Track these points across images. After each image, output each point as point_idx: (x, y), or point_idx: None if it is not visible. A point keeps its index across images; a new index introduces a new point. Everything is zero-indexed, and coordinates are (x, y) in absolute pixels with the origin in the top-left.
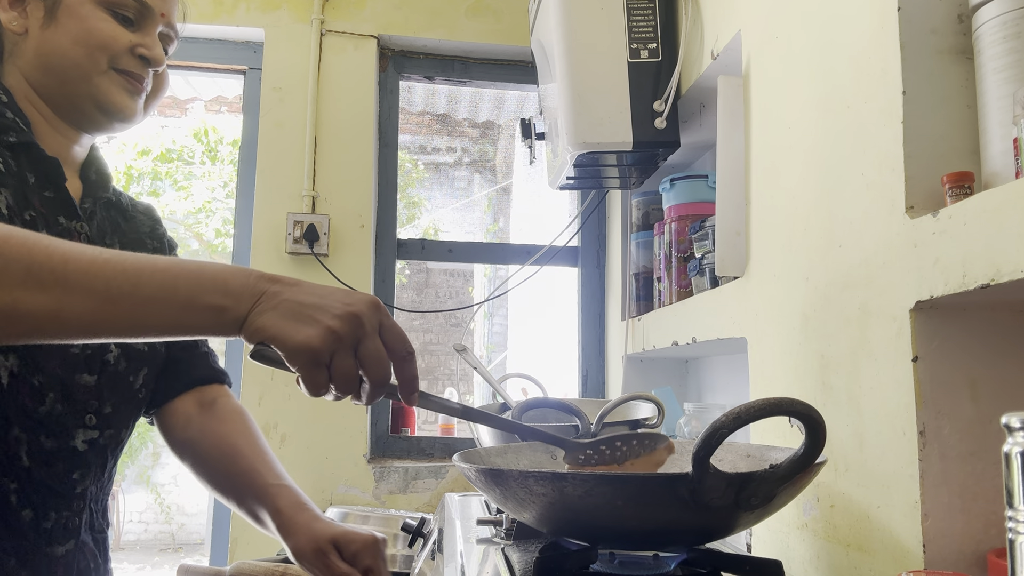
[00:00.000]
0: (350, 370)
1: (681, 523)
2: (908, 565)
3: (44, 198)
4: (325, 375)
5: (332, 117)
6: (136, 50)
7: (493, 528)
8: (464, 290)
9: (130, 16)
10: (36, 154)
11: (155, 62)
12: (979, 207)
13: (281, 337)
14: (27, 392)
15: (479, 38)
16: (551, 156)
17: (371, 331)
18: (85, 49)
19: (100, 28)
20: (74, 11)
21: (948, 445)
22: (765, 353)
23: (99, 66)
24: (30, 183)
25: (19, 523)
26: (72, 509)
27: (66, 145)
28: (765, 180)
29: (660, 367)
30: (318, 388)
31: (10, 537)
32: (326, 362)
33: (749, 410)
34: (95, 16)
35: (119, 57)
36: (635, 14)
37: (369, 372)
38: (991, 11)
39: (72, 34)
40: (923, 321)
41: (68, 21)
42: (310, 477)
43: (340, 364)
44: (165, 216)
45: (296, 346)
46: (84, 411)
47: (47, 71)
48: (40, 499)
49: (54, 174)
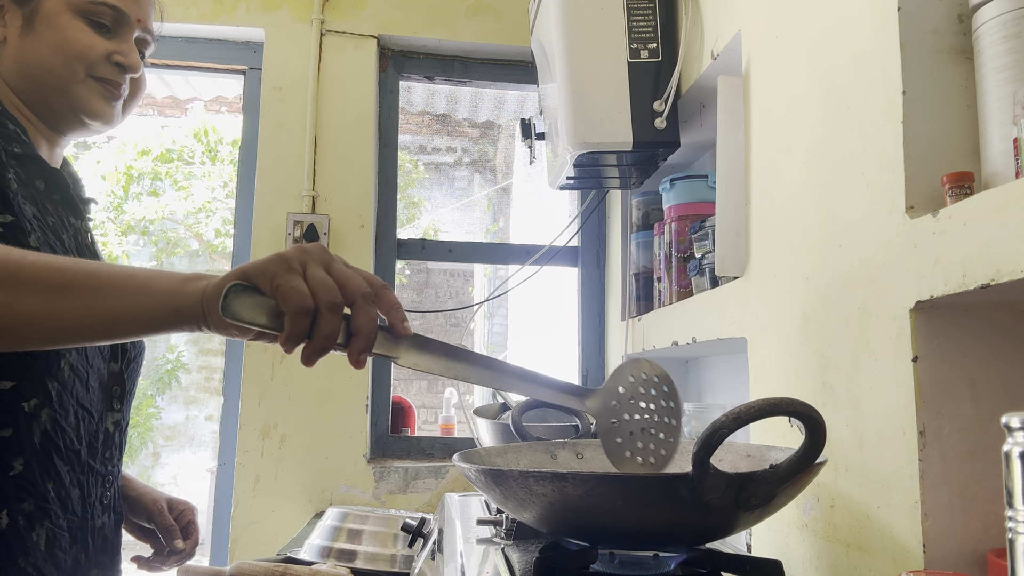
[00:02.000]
0: (326, 278)
1: (681, 523)
2: (908, 565)
3: (54, 201)
4: (304, 284)
5: (332, 117)
6: (112, 57)
7: (493, 528)
8: (464, 290)
9: (106, 23)
10: (41, 164)
11: (131, 68)
12: (979, 207)
13: (250, 264)
14: (82, 383)
15: (479, 38)
16: (551, 156)
17: (335, 258)
18: (62, 58)
19: (77, 37)
20: (51, 20)
21: (948, 445)
22: (765, 353)
23: (77, 75)
24: (41, 190)
25: (71, 502)
26: (105, 486)
27: (49, 148)
28: (765, 180)
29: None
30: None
31: (64, 514)
32: (299, 271)
33: (749, 410)
34: (72, 25)
35: (96, 65)
36: (635, 14)
37: (347, 284)
38: (991, 11)
39: (50, 43)
40: (923, 321)
41: (46, 30)
42: (310, 477)
43: (314, 272)
44: (165, 216)
45: (265, 260)
46: (112, 396)
47: (27, 78)
48: (85, 479)
49: (59, 181)
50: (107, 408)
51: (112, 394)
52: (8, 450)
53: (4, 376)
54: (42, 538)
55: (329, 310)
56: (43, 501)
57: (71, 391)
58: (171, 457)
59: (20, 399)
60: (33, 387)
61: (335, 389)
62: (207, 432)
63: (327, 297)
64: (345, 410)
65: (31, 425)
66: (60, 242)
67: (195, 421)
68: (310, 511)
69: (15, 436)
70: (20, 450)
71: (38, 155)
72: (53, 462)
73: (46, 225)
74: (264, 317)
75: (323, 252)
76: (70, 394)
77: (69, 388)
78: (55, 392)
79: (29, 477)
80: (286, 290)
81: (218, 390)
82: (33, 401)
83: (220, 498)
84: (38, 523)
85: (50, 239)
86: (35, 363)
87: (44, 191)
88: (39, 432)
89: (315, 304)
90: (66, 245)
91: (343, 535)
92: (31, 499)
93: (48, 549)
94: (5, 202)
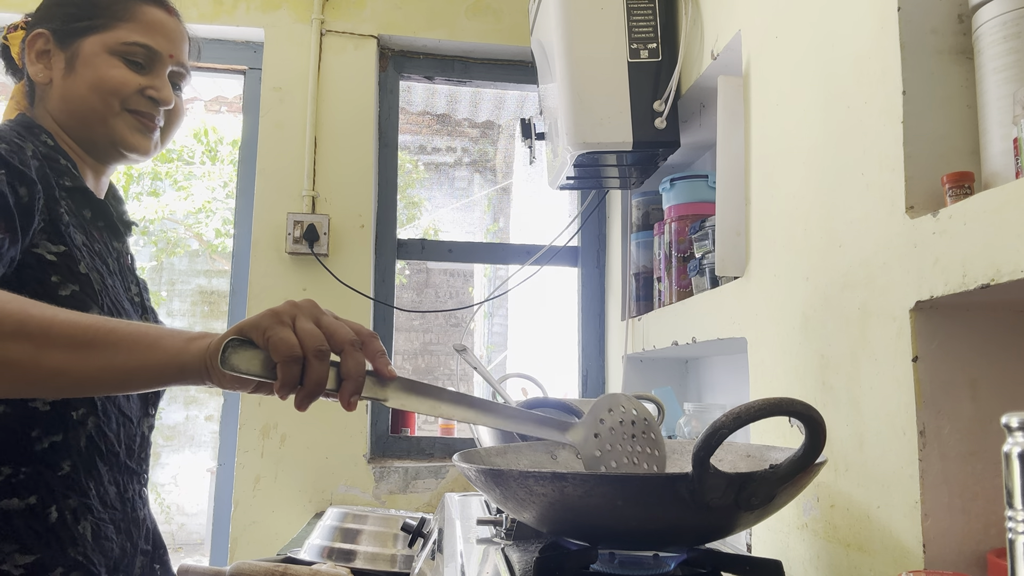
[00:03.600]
0: (314, 329)
1: (681, 523)
2: (908, 565)
3: (99, 228)
4: (293, 335)
5: (332, 117)
6: (146, 92)
7: (493, 528)
8: (464, 290)
9: (140, 61)
10: (88, 196)
11: (164, 102)
12: (979, 207)
13: (242, 324)
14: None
15: (479, 38)
16: (551, 156)
17: (324, 312)
18: (99, 94)
19: (112, 75)
20: (89, 61)
21: (948, 445)
22: (765, 353)
23: (112, 108)
24: (88, 218)
25: (109, 498)
26: (140, 482)
27: (95, 178)
28: (765, 180)
29: (660, 367)
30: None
31: (105, 509)
32: (289, 323)
33: (749, 410)
34: (107, 64)
35: (130, 99)
36: (635, 14)
37: (335, 334)
38: (991, 11)
39: (88, 81)
40: (923, 321)
41: (85, 70)
42: (310, 477)
43: (303, 324)
44: (165, 216)
45: (258, 316)
46: (148, 403)
47: (70, 115)
48: (122, 477)
49: (104, 211)
50: (144, 414)
51: (148, 401)
52: (57, 453)
53: None
54: (87, 530)
55: (316, 357)
56: (85, 497)
57: (114, 401)
58: (171, 457)
59: (70, 409)
60: (81, 398)
61: None
62: (207, 432)
63: (313, 344)
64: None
65: (79, 432)
66: (106, 266)
67: (195, 421)
68: (310, 511)
69: (64, 441)
70: (68, 453)
71: (86, 187)
72: (96, 464)
73: (93, 251)
74: (259, 367)
75: (313, 307)
76: (112, 403)
77: (113, 398)
78: (99, 402)
79: (74, 477)
80: (276, 341)
81: (218, 390)
82: (81, 410)
83: (220, 498)
84: (83, 517)
85: (97, 264)
86: None
87: (91, 219)
88: (84, 437)
89: (303, 352)
90: (110, 268)
91: (343, 535)
92: (75, 496)
93: (95, 540)
94: (58, 234)
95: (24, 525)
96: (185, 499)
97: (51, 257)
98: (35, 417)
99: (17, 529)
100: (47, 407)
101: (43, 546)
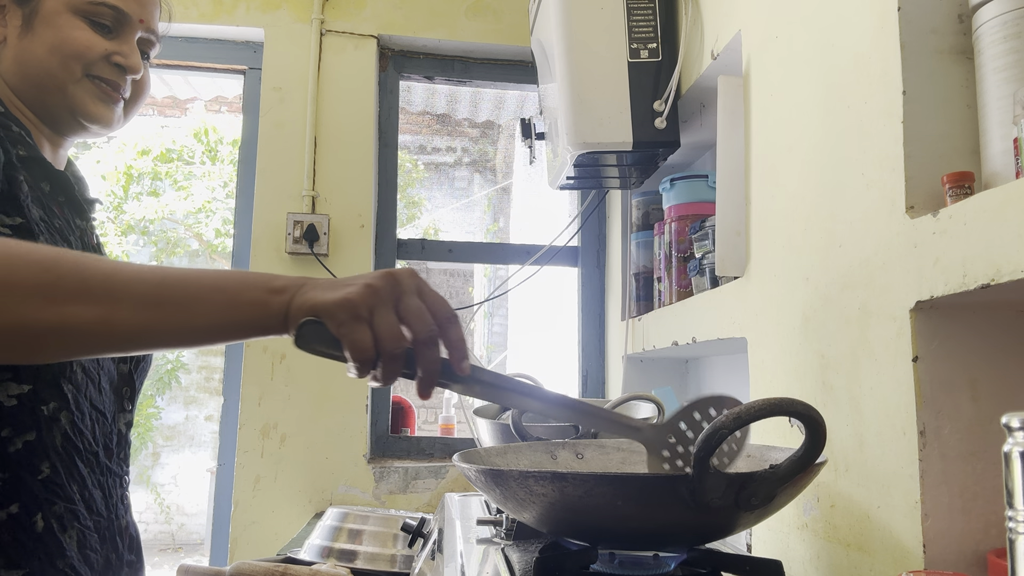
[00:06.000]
0: (392, 325)
1: (681, 523)
2: (908, 565)
3: (60, 203)
4: (368, 334)
5: (332, 117)
6: (112, 58)
7: (493, 528)
8: (464, 290)
9: (107, 23)
10: (45, 167)
11: (131, 70)
12: (979, 207)
13: (321, 302)
14: (95, 385)
15: (479, 38)
16: (551, 156)
17: (409, 290)
18: (59, 58)
19: (75, 36)
20: (50, 20)
21: (948, 445)
22: (765, 353)
23: (73, 74)
24: (46, 192)
25: (95, 503)
26: (123, 486)
27: (52, 150)
28: (765, 180)
29: (660, 367)
30: (363, 350)
31: (90, 515)
32: (366, 317)
33: (749, 410)
34: (70, 24)
35: (94, 65)
36: (635, 14)
37: (413, 326)
38: (991, 11)
39: (47, 43)
40: (923, 321)
41: (44, 30)
42: (310, 477)
43: (381, 320)
44: (165, 216)
45: (334, 302)
46: (123, 397)
47: (25, 79)
48: (105, 480)
49: (64, 183)
50: (119, 409)
51: (123, 395)
52: (34, 454)
53: (21, 380)
54: (73, 539)
55: (390, 359)
56: (70, 503)
57: (85, 393)
58: (171, 457)
59: (39, 403)
60: (49, 390)
61: (335, 389)
62: (207, 432)
63: (388, 348)
64: (345, 410)
65: (52, 428)
66: (68, 244)
67: (195, 421)
68: (310, 511)
69: (39, 440)
70: (45, 454)
71: (43, 157)
72: (76, 464)
73: (53, 227)
74: (334, 348)
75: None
76: (84, 396)
77: (83, 391)
78: (71, 395)
79: (56, 480)
80: (349, 341)
81: (218, 390)
82: (52, 404)
83: (220, 498)
84: (69, 525)
85: (57, 241)
86: (48, 367)
87: (49, 193)
88: (60, 435)
89: (377, 353)
90: (72, 247)
91: (343, 535)
92: (60, 501)
93: (80, 550)
94: (16, 204)
95: (10, 537)
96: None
97: (4, 230)
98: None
99: (2, 541)
100: (12, 401)
101: (30, 559)
